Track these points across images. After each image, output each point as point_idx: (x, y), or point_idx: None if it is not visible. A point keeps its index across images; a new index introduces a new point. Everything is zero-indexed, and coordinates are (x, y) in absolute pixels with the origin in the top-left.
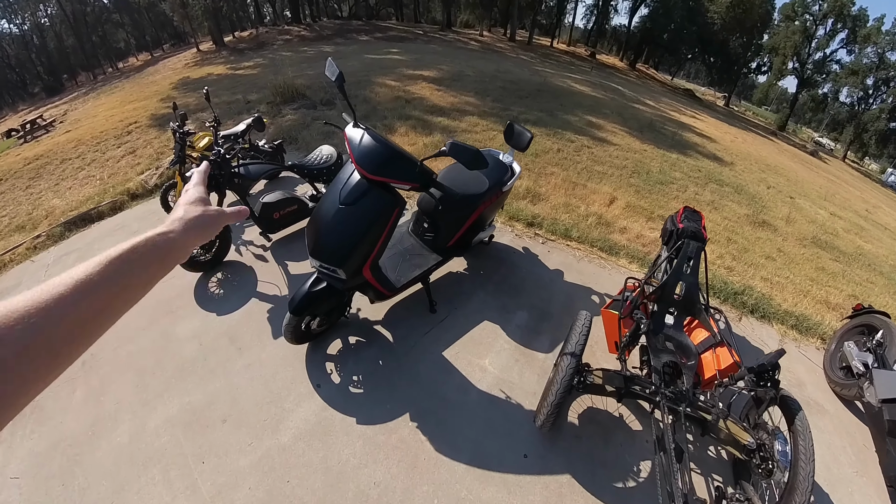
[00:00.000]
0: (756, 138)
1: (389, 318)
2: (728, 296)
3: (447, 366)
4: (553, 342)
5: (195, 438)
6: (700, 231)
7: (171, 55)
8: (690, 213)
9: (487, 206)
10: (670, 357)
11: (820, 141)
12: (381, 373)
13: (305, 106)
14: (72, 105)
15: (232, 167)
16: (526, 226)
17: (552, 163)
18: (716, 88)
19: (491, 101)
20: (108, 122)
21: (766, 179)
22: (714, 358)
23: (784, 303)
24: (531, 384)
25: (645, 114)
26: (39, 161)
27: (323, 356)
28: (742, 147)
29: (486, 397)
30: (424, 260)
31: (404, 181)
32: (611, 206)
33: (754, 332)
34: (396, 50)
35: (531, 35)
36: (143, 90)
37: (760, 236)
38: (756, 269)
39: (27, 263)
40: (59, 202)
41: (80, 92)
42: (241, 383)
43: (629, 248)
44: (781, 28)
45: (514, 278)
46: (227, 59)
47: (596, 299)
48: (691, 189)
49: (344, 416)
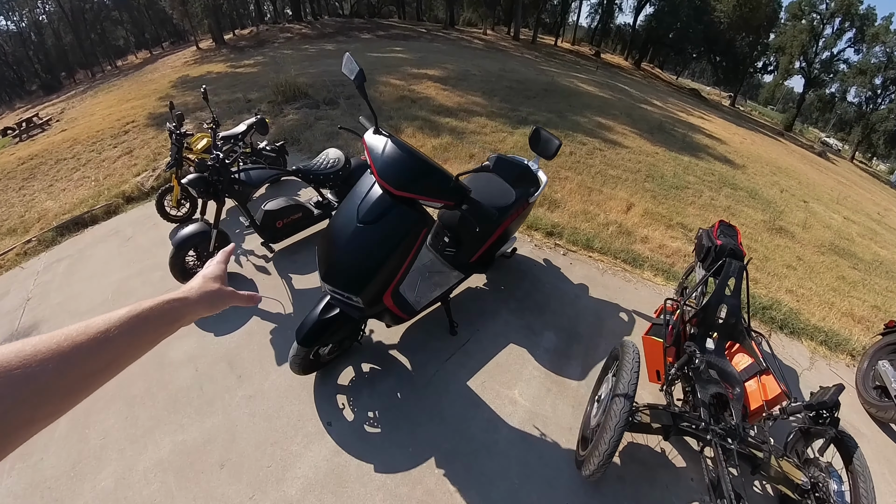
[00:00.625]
0: (764, 139)
1: (406, 342)
2: (756, 310)
3: (473, 398)
4: (585, 368)
5: (189, 487)
6: (738, 248)
7: (170, 53)
8: (726, 227)
9: (513, 220)
10: (716, 388)
11: (827, 141)
12: (399, 408)
13: (308, 105)
14: (69, 103)
15: (232, 173)
16: (546, 235)
17: (565, 166)
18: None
19: (499, 102)
20: (105, 121)
21: (779, 182)
22: (759, 387)
23: (812, 317)
24: (566, 417)
25: (653, 115)
26: (34, 161)
27: (334, 387)
28: (752, 149)
29: (518, 435)
30: (445, 278)
31: (436, 198)
32: (629, 213)
33: (784, 350)
34: (400, 48)
35: (535, 34)
36: (141, 88)
37: (779, 244)
38: (780, 280)
39: (17, 270)
40: (53, 204)
41: (78, 90)
42: (242, 419)
43: (653, 260)
44: (788, 27)
45: (537, 294)
46: (228, 57)
47: (624, 317)
48: (707, 194)
49: (360, 463)
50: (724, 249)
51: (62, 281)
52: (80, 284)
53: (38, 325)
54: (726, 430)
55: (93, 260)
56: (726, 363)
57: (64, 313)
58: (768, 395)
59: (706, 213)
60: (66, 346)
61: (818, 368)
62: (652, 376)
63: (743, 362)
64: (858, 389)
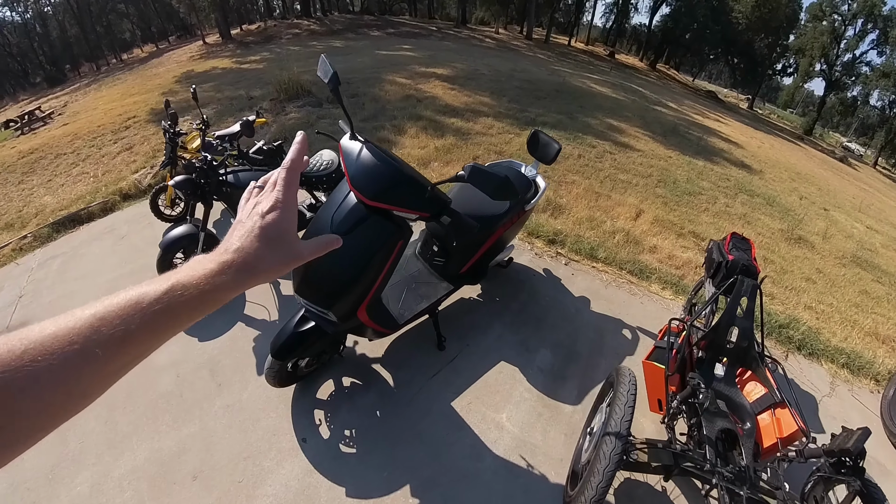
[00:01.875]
0: (783, 143)
1: (391, 356)
2: (772, 329)
3: (457, 421)
4: (581, 391)
5: (160, 497)
6: (752, 264)
7: (176, 47)
8: (739, 240)
9: (507, 229)
10: (725, 423)
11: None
12: (378, 427)
13: (310, 104)
14: (72, 97)
15: (219, 175)
16: (547, 243)
17: (573, 170)
18: (739, 90)
19: (507, 102)
20: (106, 115)
21: (798, 189)
22: (773, 421)
23: (833, 337)
24: (557, 447)
25: (668, 117)
26: (34, 155)
27: (312, 401)
28: (770, 153)
29: (503, 465)
30: (433, 290)
31: (411, 210)
32: (638, 221)
33: (802, 373)
34: (409, 46)
35: (548, 33)
36: (145, 83)
37: (798, 255)
38: (798, 295)
39: (11, 266)
40: (51, 200)
41: (82, 83)
42: (218, 429)
43: (661, 272)
44: (808, 28)
45: (535, 307)
46: (234, 52)
47: (628, 335)
48: (721, 201)
49: (332, 485)
50: (737, 265)
51: (55, 279)
52: (72, 283)
53: (29, 324)
54: (735, 473)
55: (86, 258)
56: (737, 393)
57: (55, 312)
58: (783, 431)
59: (720, 220)
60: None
61: (839, 395)
62: (653, 405)
63: (756, 392)
64: (884, 419)
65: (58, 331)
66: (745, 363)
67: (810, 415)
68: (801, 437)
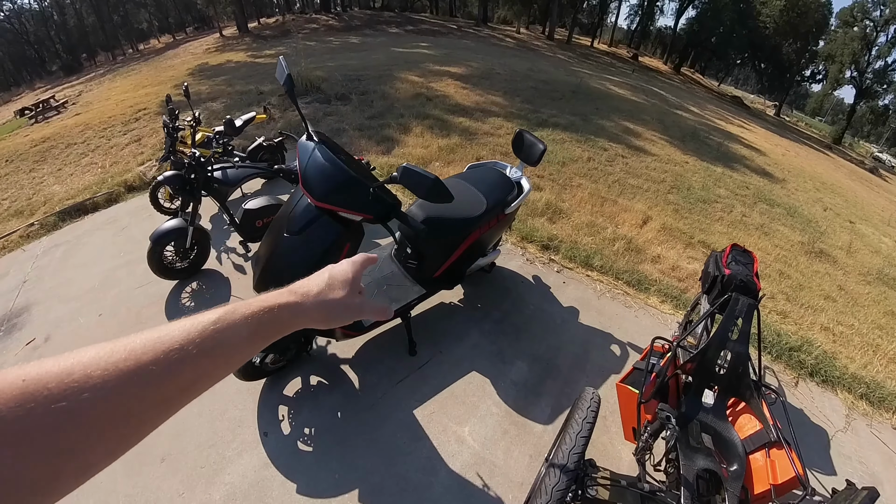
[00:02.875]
0: (809, 152)
1: (360, 358)
2: (782, 352)
3: (416, 430)
4: (555, 410)
5: (131, 476)
6: (752, 280)
7: (193, 39)
8: (739, 253)
9: (485, 232)
10: (707, 462)
11: (879, 156)
12: (337, 428)
13: (319, 100)
14: (87, 86)
15: (208, 171)
16: (540, 249)
17: (580, 173)
18: (766, 96)
19: (520, 102)
20: (118, 106)
21: (822, 200)
22: (767, 464)
23: (851, 363)
24: (518, 470)
25: (688, 121)
26: (46, 144)
27: (278, 396)
28: (794, 162)
29: (456, 482)
30: (404, 292)
31: (353, 211)
32: (643, 228)
33: (813, 402)
34: (426, 44)
35: (570, 34)
36: (159, 74)
37: (818, 269)
38: (815, 315)
39: (18, 252)
40: (60, 189)
41: (97, 73)
42: (189, 417)
43: (662, 284)
44: (839, 34)
45: (517, 316)
46: (249, 45)
47: (616, 351)
48: (738, 209)
49: (284, 480)
50: (732, 280)
51: (57, 266)
52: (72, 271)
53: (30, 308)
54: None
55: (87, 247)
56: (727, 427)
57: (54, 298)
58: (778, 477)
59: (735, 230)
60: (126, 367)
61: (856, 430)
62: (628, 434)
63: (749, 427)
64: None
65: (114, 349)
66: (738, 393)
67: (820, 451)
68: (797, 484)
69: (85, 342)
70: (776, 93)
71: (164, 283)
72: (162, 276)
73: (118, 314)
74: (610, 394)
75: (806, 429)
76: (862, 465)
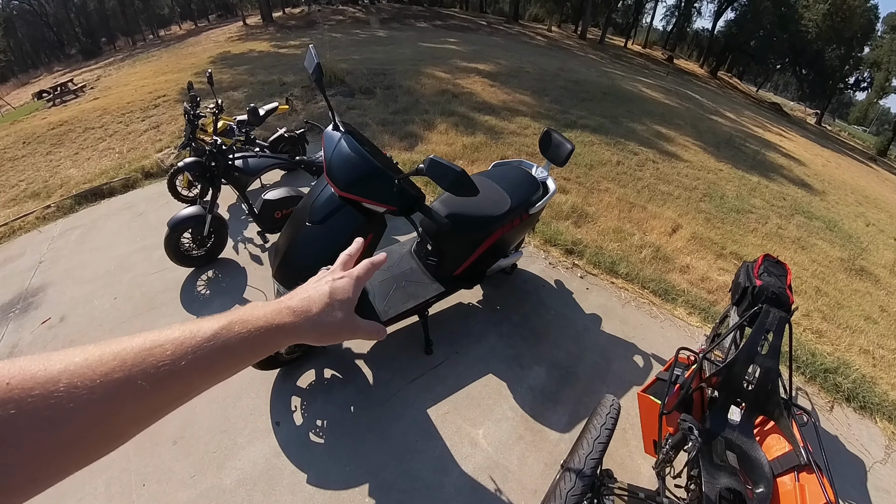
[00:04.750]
0: (852, 163)
1: (375, 354)
2: (817, 373)
3: (429, 429)
4: (572, 419)
5: (143, 456)
6: (784, 292)
7: (215, 27)
8: (772, 264)
9: (508, 231)
10: (731, 481)
11: None
12: (349, 422)
13: (342, 93)
14: (105, 71)
15: (229, 159)
16: (564, 253)
17: (608, 177)
18: (807, 104)
19: (548, 102)
20: (137, 92)
21: (865, 215)
22: (796, 487)
23: (892, 390)
24: (533, 477)
25: (724, 127)
26: (63, 127)
27: (292, 388)
28: (836, 173)
29: (468, 484)
30: (423, 289)
31: (377, 202)
32: (673, 236)
33: (850, 431)
34: (454, 40)
35: (604, 34)
36: (179, 62)
37: (858, 288)
38: (853, 336)
39: (34, 233)
40: (76, 172)
41: (116, 57)
42: (201, 403)
43: (690, 295)
44: (885, 40)
45: (537, 321)
46: (273, 35)
47: (639, 362)
48: (773, 221)
49: (295, 470)
50: (764, 292)
51: (73, 248)
52: (87, 254)
53: (46, 288)
54: None
55: (104, 231)
56: (754, 446)
57: (68, 279)
58: (807, 503)
59: (770, 243)
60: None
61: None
62: (648, 447)
63: (778, 448)
64: None
65: (103, 356)
66: (767, 411)
67: (855, 483)
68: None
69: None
70: (818, 100)
71: (179, 269)
72: (178, 262)
73: (133, 298)
74: (631, 405)
75: (841, 457)
76: (888, 495)
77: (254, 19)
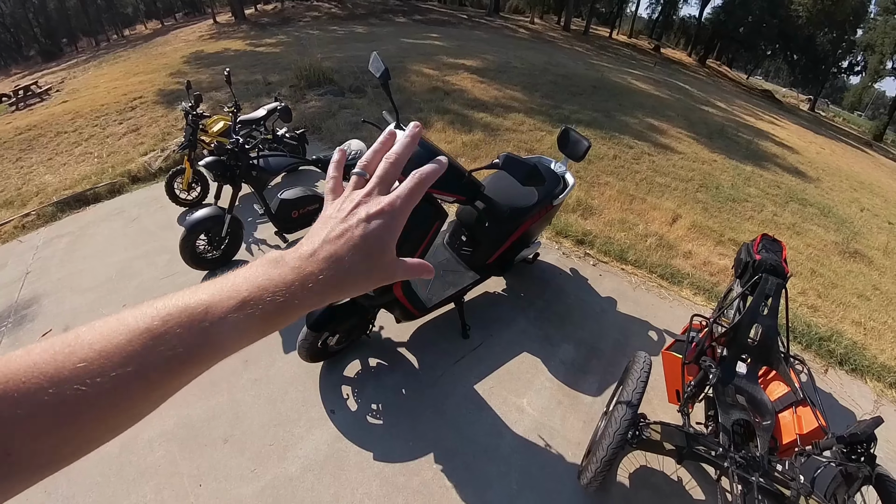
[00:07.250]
0: (846, 149)
1: (416, 341)
2: (812, 341)
3: (479, 402)
4: (602, 385)
5: (192, 457)
6: (780, 264)
7: (184, 25)
8: (769, 242)
9: (535, 222)
10: (742, 414)
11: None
12: (403, 404)
13: (332, 92)
14: (70, 73)
15: (250, 158)
16: (575, 244)
17: (607, 171)
18: (799, 90)
19: (540, 98)
20: (109, 94)
21: (859, 200)
22: (794, 419)
23: (881, 354)
24: (575, 433)
25: (715, 118)
26: (32, 132)
27: (339, 378)
28: (830, 160)
29: (521, 443)
30: (460, 278)
31: (448, 192)
32: (673, 226)
33: (843, 389)
34: (437, 35)
35: (588, 24)
36: (150, 62)
37: (852, 269)
38: (846, 310)
39: (14, 243)
40: (52, 179)
41: (80, 59)
42: (247, 400)
43: (694, 277)
44: (879, 22)
45: (559, 305)
46: (248, 33)
47: (654, 336)
48: (769, 209)
49: (360, 450)
50: (763, 264)
51: (63, 257)
52: (82, 262)
53: (39, 299)
54: (748, 460)
55: (96, 238)
56: (758, 390)
57: (65, 289)
58: (804, 428)
59: (765, 229)
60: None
61: (884, 414)
62: (671, 396)
63: (778, 391)
64: None
65: (107, 346)
66: (769, 362)
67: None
68: (822, 435)
69: None
70: (810, 86)
71: (189, 274)
72: (193, 265)
73: None
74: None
75: (834, 410)
76: (888, 444)
77: (224, 17)
